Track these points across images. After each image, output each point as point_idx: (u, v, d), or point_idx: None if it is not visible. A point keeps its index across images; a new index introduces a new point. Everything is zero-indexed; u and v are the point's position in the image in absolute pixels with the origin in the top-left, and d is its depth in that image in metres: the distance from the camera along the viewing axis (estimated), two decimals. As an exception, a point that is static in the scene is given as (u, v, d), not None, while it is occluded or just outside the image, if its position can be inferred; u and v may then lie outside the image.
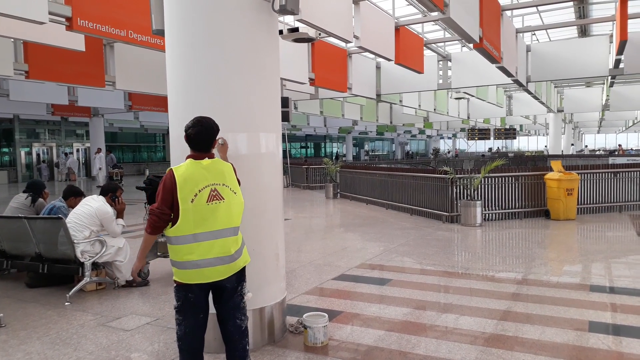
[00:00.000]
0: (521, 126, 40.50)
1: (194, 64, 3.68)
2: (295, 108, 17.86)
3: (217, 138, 3.09)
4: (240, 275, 3.04)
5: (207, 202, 2.84)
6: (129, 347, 3.88)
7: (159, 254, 5.84)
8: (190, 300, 2.91)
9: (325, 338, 3.87)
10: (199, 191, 2.84)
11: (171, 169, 2.92)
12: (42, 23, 5.41)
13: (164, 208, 2.84)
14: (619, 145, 32.04)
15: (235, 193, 2.97)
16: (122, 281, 5.49)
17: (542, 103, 20.92)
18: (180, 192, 2.82)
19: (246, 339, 3.07)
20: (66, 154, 27.54)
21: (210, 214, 2.85)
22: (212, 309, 3.09)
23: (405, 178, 11.37)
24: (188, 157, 2.98)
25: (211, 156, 3.01)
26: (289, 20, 8.32)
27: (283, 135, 4.29)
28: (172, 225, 2.86)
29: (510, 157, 25.79)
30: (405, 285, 5.52)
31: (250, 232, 3.69)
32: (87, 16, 5.92)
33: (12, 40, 8.24)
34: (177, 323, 2.97)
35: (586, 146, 45.70)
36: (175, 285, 2.96)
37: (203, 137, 2.96)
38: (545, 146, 45.40)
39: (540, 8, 12.60)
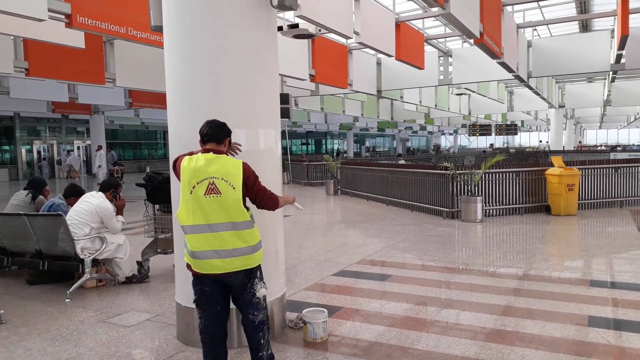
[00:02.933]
0: (522, 122, 40.41)
1: (192, 60, 3.67)
2: (296, 104, 17.84)
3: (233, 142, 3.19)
4: (250, 272, 3.03)
5: (204, 194, 2.86)
6: (129, 343, 3.89)
7: (159, 250, 5.86)
8: (207, 294, 2.98)
9: (325, 334, 3.87)
10: (197, 183, 2.87)
11: (181, 155, 3.05)
12: (41, 20, 5.39)
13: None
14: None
15: (234, 188, 2.91)
16: (122, 278, 5.49)
17: (544, 99, 20.86)
18: (182, 181, 2.92)
19: (260, 333, 3.07)
20: (68, 152, 27.58)
21: (207, 206, 2.87)
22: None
23: (406, 174, 11.36)
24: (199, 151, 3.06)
25: (218, 152, 2.99)
26: (289, 16, 8.30)
27: (284, 132, 4.30)
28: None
29: (512, 153, 25.76)
30: (405, 281, 5.52)
31: (250, 228, 3.69)
32: (87, 13, 5.91)
33: (12, 37, 8.23)
34: (198, 316, 3.07)
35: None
36: (192, 279, 3.04)
37: (208, 130, 3.00)
38: (540, 141, 45.31)
39: (541, 3, 12.53)
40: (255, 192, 3.06)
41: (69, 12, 5.73)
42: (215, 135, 3.00)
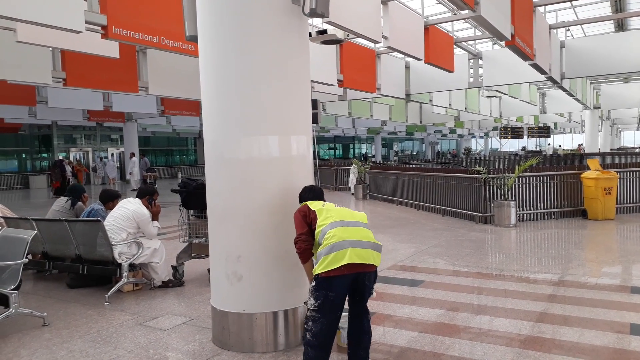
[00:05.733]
0: (555, 124, 39.48)
1: (226, 69, 3.74)
2: (324, 110, 17.90)
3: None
4: (375, 275, 3.30)
5: (335, 206, 3.48)
6: (166, 346, 3.97)
7: (193, 255, 5.96)
8: (330, 299, 3.10)
9: (358, 339, 3.86)
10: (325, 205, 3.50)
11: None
12: (78, 32, 5.58)
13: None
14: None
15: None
16: (158, 282, 5.61)
17: (578, 100, 20.35)
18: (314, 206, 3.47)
19: (370, 336, 3.35)
20: (101, 159, 28.34)
21: (341, 211, 3.45)
22: None
23: (436, 178, 11.24)
24: None
25: None
26: (317, 22, 8.35)
27: (312, 137, 4.28)
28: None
29: (545, 156, 25.20)
30: (438, 286, 5.47)
31: (283, 234, 3.74)
32: (122, 24, 6.07)
33: (51, 49, 8.53)
34: (312, 320, 3.13)
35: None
36: (314, 284, 3.14)
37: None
38: (580, 144, 43.87)
39: (574, 3, 12.27)
40: None
41: (105, 24, 5.89)
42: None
